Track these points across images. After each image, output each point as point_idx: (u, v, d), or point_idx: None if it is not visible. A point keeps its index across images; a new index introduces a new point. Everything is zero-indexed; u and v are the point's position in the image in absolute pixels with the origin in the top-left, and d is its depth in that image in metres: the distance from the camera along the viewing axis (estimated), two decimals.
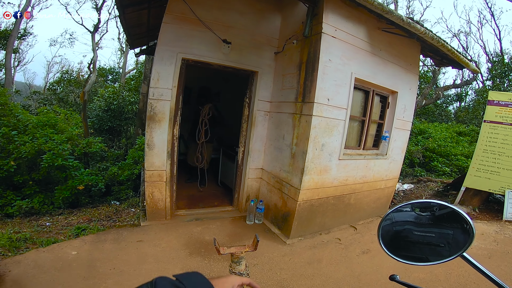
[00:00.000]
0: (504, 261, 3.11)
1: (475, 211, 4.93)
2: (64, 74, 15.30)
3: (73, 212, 4.55)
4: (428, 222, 0.82)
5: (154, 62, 3.34)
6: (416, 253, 0.82)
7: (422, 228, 0.82)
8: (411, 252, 0.83)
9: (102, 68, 17.77)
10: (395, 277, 0.84)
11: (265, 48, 3.81)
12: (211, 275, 2.56)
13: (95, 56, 10.46)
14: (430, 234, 0.80)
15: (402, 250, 0.84)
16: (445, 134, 10.19)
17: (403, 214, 0.86)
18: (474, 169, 4.96)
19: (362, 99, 3.78)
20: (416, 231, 0.83)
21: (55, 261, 2.58)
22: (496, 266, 2.98)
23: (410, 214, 0.85)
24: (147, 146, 3.35)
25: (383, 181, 4.26)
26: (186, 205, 4.05)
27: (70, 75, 15.26)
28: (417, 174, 7.72)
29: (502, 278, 2.64)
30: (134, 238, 3.14)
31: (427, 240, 0.80)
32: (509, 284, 2.44)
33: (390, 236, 0.86)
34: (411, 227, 0.84)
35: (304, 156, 3.13)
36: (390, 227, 0.87)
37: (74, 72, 16.79)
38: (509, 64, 13.81)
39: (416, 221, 0.83)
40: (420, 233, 0.82)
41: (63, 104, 11.66)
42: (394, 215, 0.87)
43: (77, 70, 18.21)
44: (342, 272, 2.77)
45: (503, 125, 4.76)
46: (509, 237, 3.85)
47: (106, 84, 14.65)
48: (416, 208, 0.87)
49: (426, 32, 3.39)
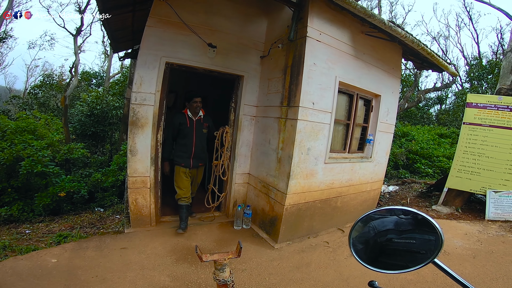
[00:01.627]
0: (489, 261, 3.15)
1: (458, 211, 5.03)
2: (46, 78, 14.84)
3: (54, 219, 4.41)
4: (409, 228, 0.79)
5: (136, 66, 3.28)
6: (396, 260, 0.79)
7: (403, 235, 0.80)
8: (392, 259, 0.80)
9: (85, 72, 17.30)
10: (373, 283, 0.82)
11: (251, 52, 3.81)
12: (198, 281, 2.52)
13: (77, 59, 10.17)
14: (411, 241, 0.77)
15: (383, 257, 0.81)
16: (427, 137, 10.47)
17: (383, 220, 0.83)
18: (455, 170, 5.10)
19: (346, 102, 3.83)
20: (396, 239, 0.80)
21: (34, 269, 2.50)
22: (481, 266, 3.03)
23: (391, 220, 0.82)
24: (129, 152, 3.27)
25: (369, 183, 4.31)
26: (172, 211, 3.96)
27: (52, 79, 14.81)
28: (401, 176, 7.87)
29: (488, 278, 2.72)
30: (118, 245, 3.07)
31: (408, 247, 0.78)
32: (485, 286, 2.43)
33: (370, 244, 0.84)
34: (392, 235, 0.81)
35: (290, 160, 3.13)
36: (368, 235, 0.85)
37: (56, 76, 16.31)
38: (486, 67, 14.41)
39: (396, 228, 0.81)
40: (401, 240, 0.79)
41: (44, 109, 11.28)
42: (373, 223, 0.85)
43: (59, 74, 17.67)
44: (331, 276, 2.76)
45: (482, 126, 4.92)
46: (492, 236, 3.92)
47: (90, 88, 14.28)
48: (382, 215, 0.84)
49: (407, 36, 3.48)
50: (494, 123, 4.84)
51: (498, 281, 2.69)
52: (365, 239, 0.86)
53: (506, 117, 4.77)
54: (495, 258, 3.23)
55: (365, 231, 0.86)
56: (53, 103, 12.18)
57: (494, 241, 3.76)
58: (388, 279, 2.66)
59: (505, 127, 4.75)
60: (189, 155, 3.49)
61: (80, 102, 8.54)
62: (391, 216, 0.83)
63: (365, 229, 0.87)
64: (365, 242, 0.85)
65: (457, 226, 4.32)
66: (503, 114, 4.79)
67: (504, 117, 4.78)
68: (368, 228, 0.85)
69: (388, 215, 0.84)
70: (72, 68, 10.07)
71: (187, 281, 2.51)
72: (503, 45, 16.37)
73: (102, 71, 18.58)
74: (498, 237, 3.90)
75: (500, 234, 3.99)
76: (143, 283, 2.43)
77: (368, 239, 0.85)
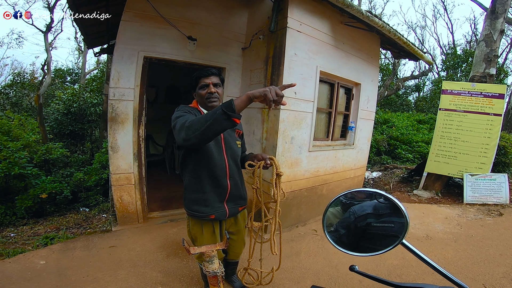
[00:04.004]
0: (470, 245, 3.23)
1: (438, 195, 5.21)
2: (17, 76, 14.06)
3: (39, 221, 4.31)
4: (387, 212, 0.79)
5: (113, 61, 3.19)
6: (376, 244, 0.79)
7: (381, 219, 0.80)
8: (372, 243, 0.80)
9: (59, 69, 16.53)
10: (354, 267, 0.81)
11: (232, 44, 3.78)
12: (190, 275, 2.53)
13: (49, 56, 9.72)
14: (389, 225, 0.77)
15: (364, 242, 0.82)
16: (406, 123, 10.80)
17: (362, 205, 0.84)
18: (433, 155, 5.29)
19: (328, 91, 3.90)
20: (375, 223, 0.80)
21: (23, 272, 2.47)
22: (463, 250, 3.10)
23: (370, 204, 0.83)
24: (110, 148, 3.21)
25: (352, 170, 4.44)
26: (159, 207, 3.94)
27: (23, 77, 14.05)
28: (384, 162, 8.12)
29: (470, 262, 2.86)
30: (106, 244, 3.04)
31: (386, 231, 0.78)
32: (480, 267, 2.56)
33: (351, 229, 0.84)
34: (371, 219, 0.81)
35: (275, 150, 3.17)
36: (349, 220, 0.85)
37: (27, 74, 15.47)
38: (461, 56, 15.00)
39: (374, 212, 0.81)
40: (379, 224, 0.80)
41: (17, 109, 10.74)
42: (352, 208, 0.85)
43: (30, 72, 16.77)
44: (321, 263, 2.83)
45: (457, 112, 5.13)
46: (471, 220, 4.06)
47: (65, 86, 13.69)
48: (349, 198, 0.85)
49: (384, 26, 3.57)
50: (468, 108, 5.04)
51: (480, 264, 2.77)
52: (346, 224, 0.86)
53: (480, 103, 4.97)
54: (475, 242, 3.32)
55: (346, 216, 0.87)
56: (26, 102, 11.60)
57: (473, 224, 3.87)
58: (376, 264, 2.75)
59: (479, 112, 4.96)
60: (221, 196, 1.78)
61: (55, 100, 8.16)
62: (368, 200, 0.85)
63: (345, 214, 0.87)
64: (346, 227, 0.85)
65: (437, 210, 4.46)
66: (476, 100, 5.00)
67: (477, 102, 4.99)
68: (349, 213, 0.86)
69: (361, 199, 0.86)
70: (44, 65, 9.61)
71: (180, 276, 2.52)
72: (476, 35, 17.05)
73: (77, 68, 17.82)
74: (477, 220, 4.04)
75: (478, 218, 4.13)
76: (135, 280, 2.42)
77: (349, 224, 0.85)
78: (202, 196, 1.72)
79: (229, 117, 1.23)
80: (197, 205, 1.74)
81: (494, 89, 4.99)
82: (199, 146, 1.45)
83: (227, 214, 1.83)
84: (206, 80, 1.69)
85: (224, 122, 1.24)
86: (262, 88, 1.23)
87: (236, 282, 2.34)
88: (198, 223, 1.82)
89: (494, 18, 5.52)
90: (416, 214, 4.26)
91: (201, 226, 1.81)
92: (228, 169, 1.75)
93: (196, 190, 1.72)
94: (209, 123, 1.25)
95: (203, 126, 1.26)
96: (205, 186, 1.71)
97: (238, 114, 1.26)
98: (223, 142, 1.73)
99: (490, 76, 5.43)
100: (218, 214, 1.77)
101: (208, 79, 1.69)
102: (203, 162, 1.67)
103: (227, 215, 1.83)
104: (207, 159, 1.66)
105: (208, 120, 1.26)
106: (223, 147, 1.73)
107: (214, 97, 1.69)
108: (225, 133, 1.73)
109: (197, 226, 1.82)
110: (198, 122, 1.30)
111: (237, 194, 1.88)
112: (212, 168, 1.68)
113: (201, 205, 1.73)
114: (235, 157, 1.81)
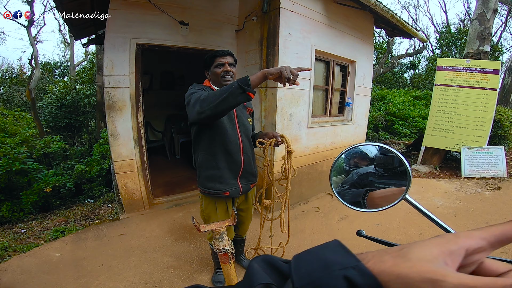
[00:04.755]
0: (469, 219, 3.29)
1: (436, 170, 5.31)
2: (5, 73, 13.73)
3: (46, 216, 4.32)
4: (389, 169, 0.81)
5: (105, 50, 3.13)
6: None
7: (382, 180, 0.81)
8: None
9: (46, 63, 16.18)
10: (361, 232, 0.83)
11: (225, 27, 3.74)
12: (199, 258, 2.59)
13: (35, 50, 9.43)
14: (392, 181, 0.79)
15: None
16: (403, 99, 10.88)
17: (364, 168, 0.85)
18: (430, 129, 5.39)
19: (324, 69, 3.91)
20: (377, 183, 0.82)
21: (40, 265, 2.51)
22: (463, 224, 3.17)
23: (371, 167, 0.84)
24: (111, 136, 3.21)
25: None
26: (163, 192, 4.01)
27: (11, 73, 13.74)
28: (382, 138, 8.24)
29: None
30: (116, 232, 3.09)
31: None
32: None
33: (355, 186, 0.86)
34: (373, 178, 0.83)
35: (274, 127, 3.21)
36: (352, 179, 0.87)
37: (15, 70, 15.11)
38: (455, 34, 14.93)
39: (377, 171, 0.82)
40: (381, 184, 0.81)
41: (10, 105, 10.59)
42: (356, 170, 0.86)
43: (18, 68, 16.36)
44: (325, 240, 2.81)
45: (452, 87, 5.21)
46: (470, 194, 4.12)
47: (55, 79, 13.43)
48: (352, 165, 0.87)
49: (377, 4, 3.56)
50: (464, 83, 5.11)
51: None
52: (350, 183, 0.88)
53: (475, 78, 5.04)
54: (474, 216, 3.38)
55: (349, 177, 0.89)
56: (18, 98, 11.42)
57: (472, 199, 3.92)
58: (381, 236, 2.85)
59: (474, 87, 5.03)
60: (235, 172, 1.81)
61: (47, 94, 8.04)
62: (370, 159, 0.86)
63: (349, 175, 0.89)
64: (351, 186, 0.87)
65: (436, 184, 4.55)
66: (471, 76, 5.06)
67: (472, 78, 5.06)
68: (352, 174, 0.88)
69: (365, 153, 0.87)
70: (31, 60, 9.35)
71: (190, 259, 2.60)
72: (469, 14, 16.83)
73: (65, 61, 17.44)
74: (475, 194, 4.10)
75: (476, 192, 4.20)
76: (148, 266, 2.48)
77: (353, 182, 0.87)
78: (217, 173, 1.74)
79: (244, 91, 1.29)
80: (212, 181, 1.76)
81: (489, 65, 5.04)
82: (212, 120, 1.48)
83: (241, 191, 1.86)
84: (222, 59, 1.72)
85: (239, 96, 1.30)
86: (278, 66, 1.31)
87: (244, 261, 2.42)
88: (212, 202, 1.84)
89: None
90: (416, 189, 4.34)
91: (215, 205, 1.85)
92: (242, 145, 1.79)
93: (211, 167, 1.74)
94: (224, 96, 1.30)
95: (218, 99, 1.32)
96: (219, 162, 1.73)
97: (253, 89, 1.31)
98: (236, 119, 1.76)
99: (484, 53, 5.46)
100: (233, 190, 1.81)
101: (224, 59, 1.72)
102: (217, 138, 1.69)
103: (240, 192, 1.86)
104: (222, 135, 1.69)
105: (224, 93, 1.31)
106: (236, 124, 1.76)
107: (229, 75, 1.72)
108: (237, 110, 1.78)
109: (211, 205, 1.85)
110: (214, 95, 1.35)
111: (249, 170, 1.91)
112: (227, 144, 1.71)
113: (216, 181, 1.75)
114: (248, 133, 1.85)
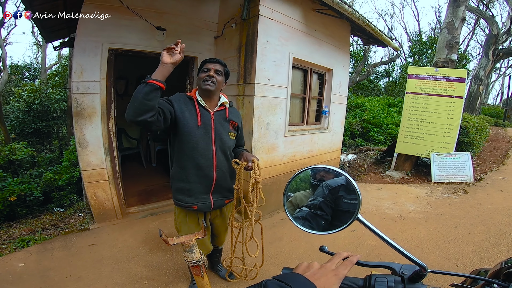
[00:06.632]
0: (440, 224, 3.37)
1: (408, 175, 5.49)
2: None
3: (12, 225, 4.11)
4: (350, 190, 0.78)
5: (74, 54, 3.01)
6: (342, 221, 0.78)
7: (350, 196, 0.78)
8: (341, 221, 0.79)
9: (15, 65, 15.43)
10: (324, 248, 0.79)
11: (203, 33, 3.71)
12: (175, 268, 2.52)
13: (3, 52, 9.01)
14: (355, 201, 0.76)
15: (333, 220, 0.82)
16: (378, 106, 11.27)
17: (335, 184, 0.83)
18: (402, 136, 5.58)
19: (301, 77, 3.97)
20: (345, 199, 0.80)
21: (4, 275, 2.38)
22: (434, 229, 3.22)
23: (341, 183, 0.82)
24: (78, 144, 3.06)
25: (328, 153, 4.60)
26: (138, 201, 3.86)
27: None
28: (358, 144, 8.45)
29: (441, 241, 3.04)
30: (85, 242, 2.95)
31: (351, 208, 0.77)
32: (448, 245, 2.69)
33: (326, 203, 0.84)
34: (343, 193, 0.80)
35: (251, 136, 3.20)
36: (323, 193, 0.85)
37: None
38: (426, 43, 15.79)
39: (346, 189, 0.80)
40: (348, 200, 0.79)
41: None
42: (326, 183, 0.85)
43: None
44: (303, 247, 2.89)
45: (422, 95, 5.43)
46: (440, 198, 4.25)
47: (24, 82, 12.75)
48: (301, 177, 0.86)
49: (353, 13, 3.67)
50: (433, 91, 5.34)
51: (450, 243, 2.90)
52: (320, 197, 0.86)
53: (443, 86, 5.28)
54: (444, 220, 3.47)
55: (319, 190, 0.87)
56: None
57: (441, 203, 4.04)
58: (355, 245, 2.88)
59: (442, 94, 5.27)
60: (206, 187, 1.76)
61: (14, 98, 7.61)
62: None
63: (318, 189, 0.87)
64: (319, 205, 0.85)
65: (408, 190, 4.70)
66: (440, 84, 5.30)
67: (440, 86, 5.30)
68: (322, 188, 0.86)
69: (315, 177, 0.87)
70: None
71: (165, 269, 2.51)
72: (440, 22, 17.95)
73: (36, 63, 16.67)
74: (445, 199, 4.24)
75: (446, 196, 4.35)
76: (120, 277, 2.38)
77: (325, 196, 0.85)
78: (186, 186, 1.71)
79: (147, 82, 1.34)
80: (181, 194, 1.73)
81: (456, 73, 5.30)
82: (141, 121, 1.37)
83: (212, 206, 1.80)
84: (210, 65, 1.69)
85: (144, 87, 1.34)
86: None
87: (222, 271, 2.37)
88: (183, 212, 1.81)
89: (456, 6, 5.84)
90: (390, 194, 4.47)
91: (186, 216, 1.81)
92: (216, 159, 1.72)
93: (181, 180, 1.72)
94: (134, 94, 1.36)
95: (132, 98, 1.36)
96: (190, 176, 1.70)
97: (156, 78, 1.37)
98: (213, 132, 1.70)
99: (452, 61, 5.76)
100: (202, 205, 1.75)
101: (212, 65, 1.69)
102: (188, 152, 1.66)
103: (211, 207, 1.80)
104: (192, 149, 1.65)
105: (134, 92, 1.36)
106: (212, 138, 1.70)
107: (210, 80, 1.65)
108: (217, 123, 1.72)
109: (182, 215, 1.82)
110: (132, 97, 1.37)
111: (225, 186, 1.83)
112: (198, 158, 1.67)
113: (185, 194, 1.72)
114: (225, 148, 1.76)
